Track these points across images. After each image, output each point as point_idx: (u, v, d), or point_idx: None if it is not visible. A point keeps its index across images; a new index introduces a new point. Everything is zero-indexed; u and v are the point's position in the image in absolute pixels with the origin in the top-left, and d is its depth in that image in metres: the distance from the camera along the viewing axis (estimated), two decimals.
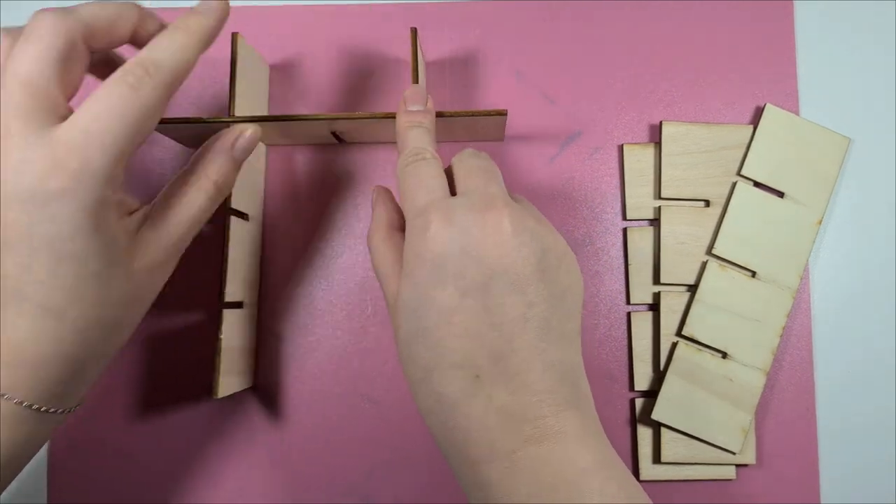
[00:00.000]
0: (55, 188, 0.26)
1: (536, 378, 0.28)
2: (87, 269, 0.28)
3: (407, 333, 0.29)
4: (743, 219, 0.41)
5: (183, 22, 0.30)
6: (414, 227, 0.30)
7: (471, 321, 0.28)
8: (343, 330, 0.43)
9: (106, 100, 0.27)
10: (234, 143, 0.33)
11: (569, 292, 0.30)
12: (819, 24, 0.45)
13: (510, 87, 0.44)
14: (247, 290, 0.41)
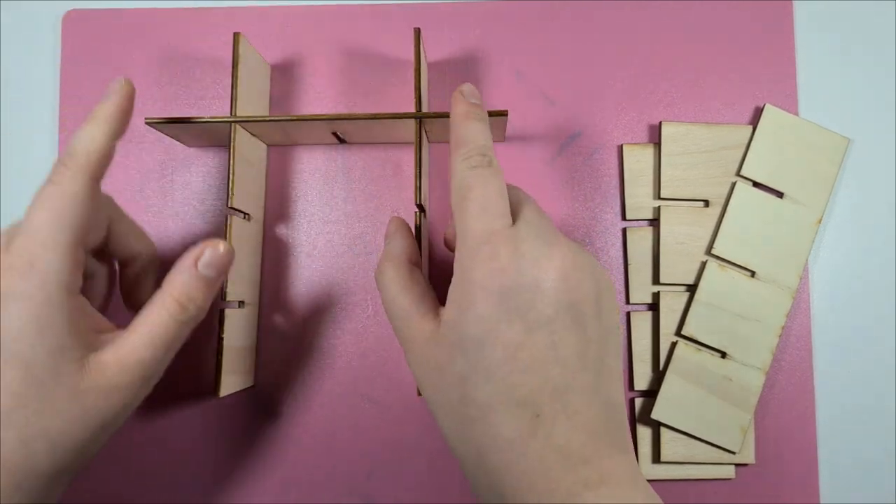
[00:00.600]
0: (5, 288, 0.28)
1: (594, 417, 0.27)
2: (31, 374, 0.28)
3: (466, 369, 0.28)
4: (742, 219, 0.41)
5: (92, 112, 0.32)
6: (478, 254, 0.28)
7: (536, 356, 0.27)
8: (343, 329, 0.43)
9: (38, 202, 0.29)
10: (197, 258, 0.32)
11: (614, 331, 0.30)
12: (818, 24, 0.45)
13: (510, 88, 0.44)
14: (248, 289, 0.41)
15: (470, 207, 0.29)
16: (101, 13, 0.45)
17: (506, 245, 0.28)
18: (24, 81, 0.45)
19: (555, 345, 0.27)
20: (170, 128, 0.39)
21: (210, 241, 0.32)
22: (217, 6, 0.45)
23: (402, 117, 0.38)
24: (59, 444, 0.29)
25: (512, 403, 0.27)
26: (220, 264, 0.32)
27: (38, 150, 0.45)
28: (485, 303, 0.28)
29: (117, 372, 0.30)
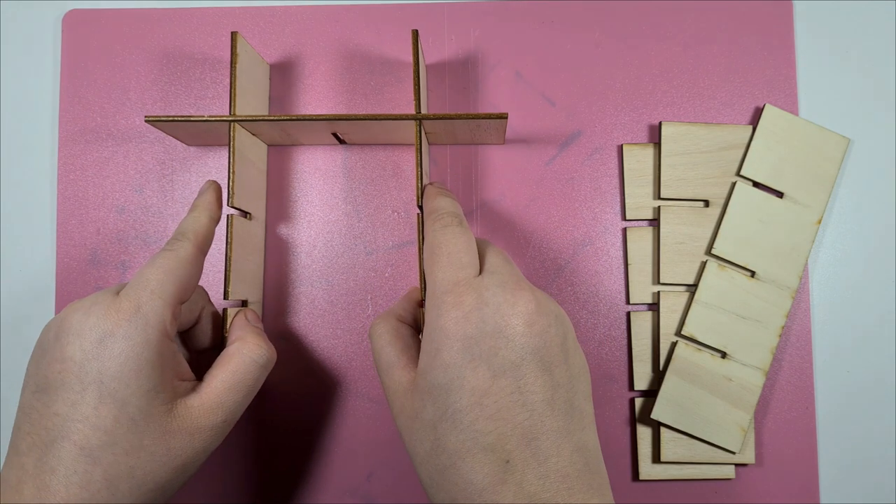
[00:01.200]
0: (110, 327, 0.30)
1: (566, 463, 0.27)
2: (125, 412, 0.29)
3: (435, 416, 0.28)
4: (742, 219, 0.41)
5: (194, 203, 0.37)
6: (443, 303, 0.29)
7: (503, 402, 0.27)
8: (344, 329, 0.43)
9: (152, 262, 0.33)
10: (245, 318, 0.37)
11: (583, 374, 0.30)
12: (818, 24, 0.45)
13: (509, 88, 0.44)
14: (251, 288, 0.41)
15: (438, 260, 0.31)
16: (100, 13, 0.45)
17: (469, 293, 0.29)
18: (25, 81, 0.45)
19: (521, 390, 0.27)
20: (169, 126, 0.39)
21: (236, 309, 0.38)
22: (216, 6, 0.45)
23: (402, 118, 0.38)
24: (143, 483, 0.30)
25: (480, 450, 0.27)
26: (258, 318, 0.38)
27: (38, 149, 0.45)
28: (450, 350, 0.28)
29: (202, 415, 0.32)
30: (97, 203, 0.44)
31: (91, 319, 0.30)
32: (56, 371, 0.29)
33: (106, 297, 0.31)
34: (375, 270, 0.43)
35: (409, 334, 0.34)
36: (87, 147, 0.44)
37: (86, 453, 0.29)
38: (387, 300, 0.43)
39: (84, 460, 0.28)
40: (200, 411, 0.32)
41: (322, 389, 0.42)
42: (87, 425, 0.29)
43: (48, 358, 0.30)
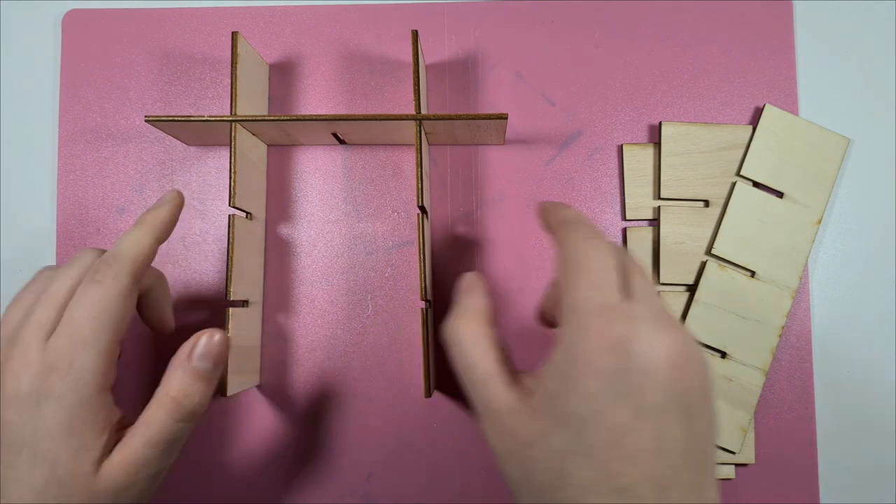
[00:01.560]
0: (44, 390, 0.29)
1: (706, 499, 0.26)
2: (55, 475, 0.29)
3: (563, 447, 0.26)
4: (742, 219, 0.41)
5: (142, 217, 0.34)
6: (590, 327, 0.27)
7: (642, 446, 0.25)
8: (344, 329, 0.43)
9: (81, 300, 0.30)
10: (190, 352, 0.32)
11: (715, 424, 0.28)
12: (818, 24, 0.45)
13: (509, 88, 0.44)
14: (252, 288, 0.41)
15: (582, 277, 0.28)
16: (101, 13, 0.45)
17: (620, 323, 0.26)
18: (25, 81, 0.45)
19: (661, 437, 0.26)
20: (170, 126, 0.39)
21: (204, 331, 0.32)
22: (216, 6, 0.45)
23: (402, 118, 0.38)
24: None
25: (611, 490, 0.25)
26: (215, 355, 0.32)
27: (38, 149, 0.45)
28: (593, 380, 0.26)
29: (124, 474, 0.30)
30: (97, 203, 0.44)
31: (23, 384, 0.29)
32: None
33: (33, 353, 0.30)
34: (375, 270, 0.43)
35: (500, 342, 0.31)
36: (87, 147, 0.44)
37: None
38: (387, 300, 0.43)
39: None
40: (123, 470, 0.30)
41: (322, 390, 0.42)
42: (21, 486, 0.29)
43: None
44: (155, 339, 0.43)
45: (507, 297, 0.42)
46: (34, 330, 0.30)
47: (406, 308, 0.43)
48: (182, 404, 0.31)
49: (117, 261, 0.31)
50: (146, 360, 0.42)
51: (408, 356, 0.42)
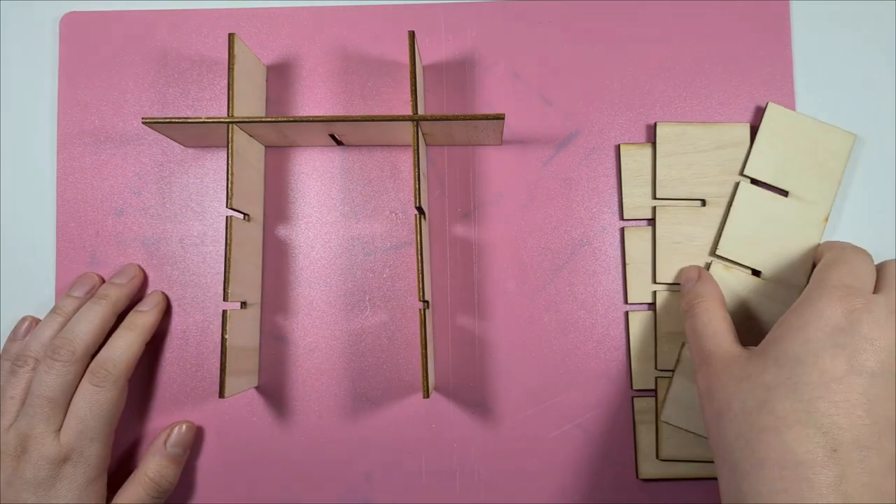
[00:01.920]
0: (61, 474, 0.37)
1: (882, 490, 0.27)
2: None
3: (772, 380, 0.29)
4: (746, 219, 0.41)
5: (131, 321, 0.40)
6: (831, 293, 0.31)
7: (850, 397, 0.28)
8: (342, 330, 0.43)
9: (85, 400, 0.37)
10: (166, 440, 0.40)
11: None
12: (815, 21, 0.45)
13: (507, 89, 0.44)
14: (250, 290, 0.41)
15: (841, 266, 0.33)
16: (98, 15, 0.45)
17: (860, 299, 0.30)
18: (23, 83, 0.46)
19: (870, 398, 0.28)
20: (167, 128, 0.40)
21: (177, 423, 0.41)
22: (213, 7, 0.45)
23: (399, 119, 0.38)
24: None
25: (812, 425, 0.27)
26: (184, 442, 0.41)
27: (36, 152, 0.45)
28: (817, 329, 0.29)
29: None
30: (96, 205, 0.44)
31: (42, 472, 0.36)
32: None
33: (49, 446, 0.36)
34: (373, 271, 0.43)
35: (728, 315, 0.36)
36: (85, 149, 0.44)
37: None
38: (385, 301, 0.43)
39: None
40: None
41: (320, 390, 0.42)
42: None
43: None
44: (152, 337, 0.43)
45: (505, 297, 0.43)
46: (45, 427, 0.37)
47: (404, 309, 0.43)
48: (159, 484, 0.39)
49: (115, 367, 0.38)
50: (143, 363, 0.43)
51: (406, 357, 0.42)
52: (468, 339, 0.42)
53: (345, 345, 0.43)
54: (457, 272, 0.43)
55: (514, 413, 0.42)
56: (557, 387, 0.42)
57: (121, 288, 0.41)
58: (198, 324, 0.43)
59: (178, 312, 0.43)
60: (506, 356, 0.42)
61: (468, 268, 0.43)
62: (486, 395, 0.42)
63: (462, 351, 0.42)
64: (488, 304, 0.43)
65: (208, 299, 0.43)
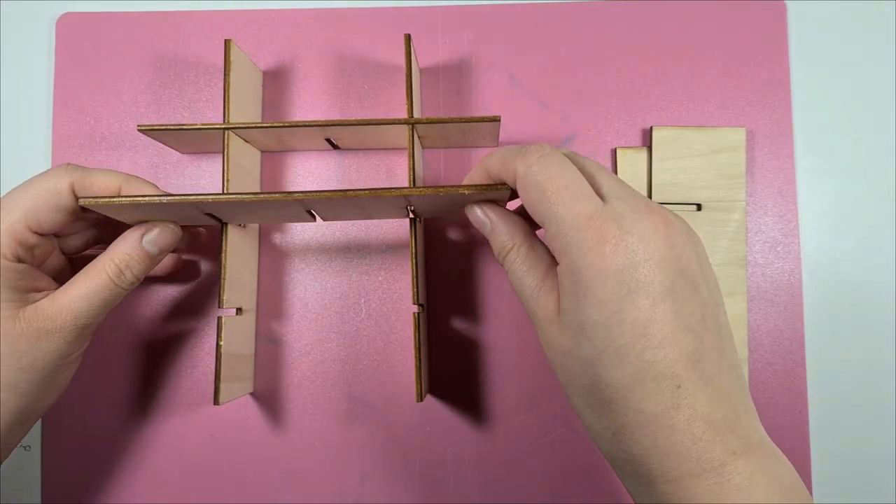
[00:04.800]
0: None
1: (726, 382, 0.27)
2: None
3: (594, 353, 0.27)
4: None
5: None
6: (582, 240, 0.28)
7: (667, 329, 0.27)
8: (337, 333, 0.43)
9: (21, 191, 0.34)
10: (144, 233, 0.35)
11: (717, 286, 0.30)
12: (812, 25, 0.45)
13: (503, 92, 0.44)
14: (246, 295, 0.41)
15: (555, 196, 0.29)
16: (94, 17, 0.45)
17: (609, 225, 0.27)
18: (18, 85, 0.45)
19: (680, 313, 0.27)
20: (163, 134, 0.39)
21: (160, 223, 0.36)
22: (209, 10, 0.45)
23: (394, 123, 0.38)
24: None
25: (650, 380, 0.27)
26: (164, 243, 0.36)
27: (31, 153, 0.45)
28: (602, 287, 0.27)
29: (49, 318, 0.33)
30: None
31: None
32: None
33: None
34: (368, 274, 0.43)
35: (545, 252, 0.32)
36: (80, 151, 0.44)
37: None
38: (380, 303, 0.43)
39: None
40: (48, 315, 0.33)
41: (315, 393, 0.43)
42: None
43: None
44: (147, 343, 0.43)
45: (501, 298, 0.43)
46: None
47: (399, 312, 0.43)
48: (123, 273, 0.34)
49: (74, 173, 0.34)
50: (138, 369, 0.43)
51: (401, 360, 0.43)
52: (463, 343, 0.42)
53: (340, 348, 0.43)
54: (451, 275, 0.43)
55: (508, 417, 0.42)
56: (551, 390, 0.42)
57: None
58: (193, 330, 0.43)
59: (173, 318, 0.43)
60: (500, 360, 0.42)
61: (462, 271, 0.43)
62: (480, 399, 0.42)
63: (456, 354, 0.42)
64: (483, 307, 0.43)
65: (204, 305, 0.43)
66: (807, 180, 0.44)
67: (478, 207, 0.34)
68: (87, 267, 0.34)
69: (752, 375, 0.42)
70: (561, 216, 0.28)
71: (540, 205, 0.29)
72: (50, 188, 0.34)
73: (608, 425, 0.28)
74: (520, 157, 0.30)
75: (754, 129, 0.43)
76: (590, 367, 0.28)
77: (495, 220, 0.33)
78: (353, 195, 0.33)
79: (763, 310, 0.42)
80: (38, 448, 0.42)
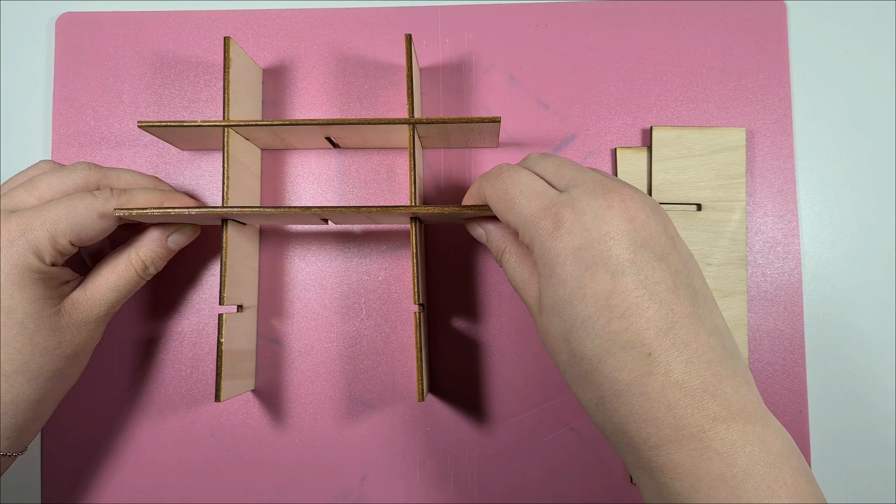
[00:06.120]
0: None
1: (706, 348, 0.27)
2: (12, 318, 0.34)
3: (564, 329, 0.29)
4: None
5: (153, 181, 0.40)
6: (542, 229, 0.30)
7: (630, 299, 0.27)
8: (338, 333, 0.43)
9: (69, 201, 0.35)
10: (169, 234, 0.39)
11: (692, 259, 0.30)
12: (812, 25, 0.45)
13: (503, 92, 0.44)
14: (247, 293, 0.41)
15: (514, 200, 0.31)
16: (94, 16, 0.45)
17: (563, 209, 0.29)
18: (18, 84, 0.45)
19: (644, 283, 0.28)
20: (162, 132, 0.39)
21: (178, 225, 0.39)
22: (209, 9, 0.45)
23: (395, 123, 0.38)
24: (39, 374, 0.35)
25: (619, 349, 0.27)
26: (186, 242, 0.40)
27: (31, 153, 0.45)
28: (563, 265, 0.29)
29: (87, 309, 0.36)
30: None
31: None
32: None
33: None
34: (369, 274, 0.43)
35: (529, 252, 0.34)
36: (80, 150, 0.44)
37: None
38: (381, 303, 0.43)
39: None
40: (85, 307, 0.36)
41: (316, 393, 0.42)
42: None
43: None
44: (147, 341, 0.43)
45: (501, 299, 0.43)
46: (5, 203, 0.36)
47: (400, 312, 0.43)
48: (147, 268, 0.38)
49: (120, 196, 0.37)
50: (139, 366, 0.43)
51: (401, 360, 0.42)
52: (463, 343, 0.42)
53: (340, 347, 0.43)
54: (451, 275, 0.43)
55: (508, 416, 0.42)
56: (552, 390, 0.42)
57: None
58: (194, 327, 0.43)
59: (173, 315, 0.43)
60: (500, 359, 0.42)
61: (462, 271, 0.43)
62: (480, 399, 0.42)
63: (457, 354, 0.42)
64: (483, 307, 0.43)
65: (204, 302, 0.43)
66: (807, 180, 0.44)
67: (475, 222, 0.37)
68: (113, 260, 0.38)
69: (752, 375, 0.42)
70: (522, 215, 0.31)
71: (506, 213, 0.32)
72: (97, 210, 0.36)
73: (591, 396, 0.29)
74: (484, 180, 0.34)
75: (754, 129, 0.43)
76: (564, 342, 0.29)
77: (490, 230, 0.36)
78: (367, 211, 0.36)
79: (763, 310, 0.42)
80: (38, 447, 0.42)
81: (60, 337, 0.35)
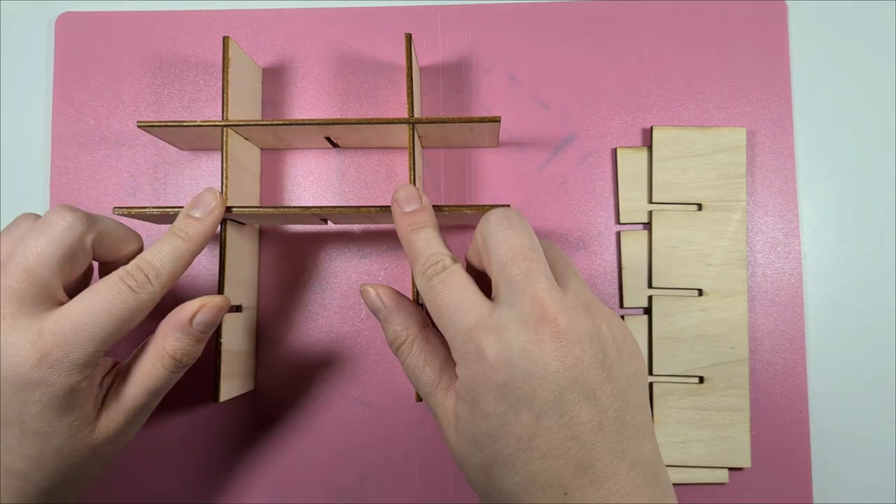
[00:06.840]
0: (32, 377, 0.28)
1: (624, 482, 0.27)
2: (49, 444, 0.30)
3: (485, 462, 0.28)
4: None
5: (181, 228, 0.33)
6: (466, 353, 0.28)
7: (552, 442, 0.27)
8: (337, 333, 0.43)
9: (104, 295, 0.30)
10: (192, 317, 0.33)
11: (634, 380, 0.29)
12: (813, 25, 0.45)
13: (503, 92, 0.44)
14: (246, 293, 0.41)
15: (441, 315, 0.30)
16: (93, 16, 0.45)
17: (487, 338, 0.28)
18: (18, 83, 0.45)
19: (567, 425, 0.27)
20: (162, 131, 0.39)
21: (207, 299, 0.33)
22: (208, 9, 0.45)
23: (395, 122, 0.38)
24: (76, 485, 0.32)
25: (537, 488, 0.27)
26: (214, 320, 0.33)
27: (31, 152, 0.45)
28: (486, 400, 0.27)
29: (122, 420, 0.32)
30: (90, 206, 0.44)
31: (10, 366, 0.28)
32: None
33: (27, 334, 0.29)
34: (369, 274, 0.43)
35: (439, 342, 0.33)
36: (80, 150, 0.44)
37: (14, 475, 0.30)
38: None
39: (14, 480, 0.30)
40: (121, 418, 0.32)
41: (315, 393, 0.42)
42: (12, 454, 0.30)
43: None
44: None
45: None
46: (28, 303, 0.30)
47: None
48: (180, 361, 0.33)
49: (159, 279, 0.32)
50: None
51: None
52: None
53: (340, 347, 0.43)
54: None
55: None
56: None
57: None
58: None
59: None
60: None
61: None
62: None
63: None
64: None
65: None
66: (807, 180, 0.44)
67: (372, 289, 0.34)
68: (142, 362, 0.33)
69: (752, 375, 0.42)
70: (449, 331, 0.29)
71: (435, 319, 0.30)
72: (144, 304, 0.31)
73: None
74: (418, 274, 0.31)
75: (754, 129, 0.43)
76: (483, 474, 0.28)
77: (390, 308, 0.33)
78: (366, 211, 0.36)
79: (763, 310, 0.42)
80: None
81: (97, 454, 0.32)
